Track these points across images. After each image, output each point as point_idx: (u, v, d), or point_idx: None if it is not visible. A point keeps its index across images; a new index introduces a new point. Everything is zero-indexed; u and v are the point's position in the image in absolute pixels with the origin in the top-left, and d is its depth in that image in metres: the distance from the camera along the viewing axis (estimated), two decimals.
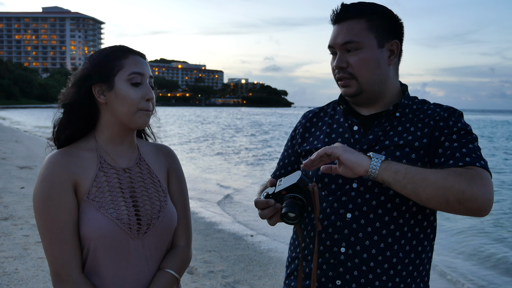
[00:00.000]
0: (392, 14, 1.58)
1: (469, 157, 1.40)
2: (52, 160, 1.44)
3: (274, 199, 1.43)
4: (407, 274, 1.50)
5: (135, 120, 1.48)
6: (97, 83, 1.47)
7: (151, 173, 1.57)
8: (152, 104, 1.51)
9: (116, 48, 1.51)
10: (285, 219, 1.38)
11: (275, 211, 1.43)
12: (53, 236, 1.41)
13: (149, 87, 1.49)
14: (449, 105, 1.58)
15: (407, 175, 1.34)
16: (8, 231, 5.92)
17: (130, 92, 1.46)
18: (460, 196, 1.29)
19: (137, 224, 1.47)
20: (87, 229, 1.41)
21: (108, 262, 1.44)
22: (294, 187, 1.38)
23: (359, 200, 1.50)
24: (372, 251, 1.48)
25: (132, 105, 1.46)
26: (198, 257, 5.37)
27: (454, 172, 1.33)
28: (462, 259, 6.35)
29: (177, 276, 1.55)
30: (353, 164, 1.36)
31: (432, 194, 1.31)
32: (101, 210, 1.42)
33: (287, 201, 1.38)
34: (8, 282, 4.33)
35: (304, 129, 1.76)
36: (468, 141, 1.46)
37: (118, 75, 1.46)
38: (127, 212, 1.46)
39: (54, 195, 1.40)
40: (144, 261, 1.49)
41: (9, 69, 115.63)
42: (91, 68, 1.48)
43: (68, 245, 1.41)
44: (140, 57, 1.52)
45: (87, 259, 1.45)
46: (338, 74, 1.57)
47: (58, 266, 1.41)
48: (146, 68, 1.50)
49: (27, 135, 23.83)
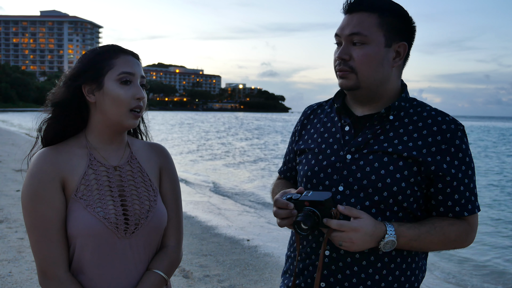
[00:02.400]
0: (406, 14, 1.52)
1: (461, 206, 1.48)
2: (40, 156, 1.43)
3: (294, 204, 1.45)
4: (393, 279, 1.49)
5: (124, 120, 1.46)
6: (86, 82, 1.46)
7: (142, 172, 1.55)
8: (143, 103, 1.50)
9: (107, 47, 1.50)
10: (296, 227, 1.40)
11: (290, 215, 1.44)
12: (40, 233, 1.39)
13: (139, 87, 1.48)
14: (445, 111, 1.54)
15: (414, 245, 1.45)
16: (2, 234, 5.88)
17: (120, 92, 1.44)
18: (456, 247, 1.53)
19: (125, 223, 1.45)
20: (74, 227, 1.40)
21: (95, 261, 1.43)
22: (318, 203, 1.40)
23: (344, 203, 1.49)
24: (356, 255, 1.48)
25: (121, 105, 1.44)
26: (194, 261, 5.34)
27: (450, 230, 1.46)
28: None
29: (165, 277, 1.53)
30: None
31: (434, 250, 1.51)
32: (88, 209, 1.41)
33: (305, 212, 1.41)
34: (2, 285, 4.30)
35: (301, 127, 1.75)
36: (461, 183, 1.47)
37: (108, 74, 1.45)
38: (115, 211, 1.45)
39: (42, 192, 1.39)
40: (131, 261, 1.48)
41: (6, 73, 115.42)
42: (81, 67, 1.47)
43: (55, 243, 1.40)
44: (132, 57, 1.51)
45: (73, 258, 1.43)
46: (338, 66, 1.53)
47: (45, 264, 1.40)
48: (137, 68, 1.49)
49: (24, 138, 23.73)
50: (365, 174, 1.48)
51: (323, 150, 1.59)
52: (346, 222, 1.38)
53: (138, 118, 1.49)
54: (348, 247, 1.39)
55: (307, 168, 1.61)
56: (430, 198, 1.50)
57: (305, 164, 1.63)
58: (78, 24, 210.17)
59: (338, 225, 1.38)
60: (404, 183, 1.46)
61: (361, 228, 1.37)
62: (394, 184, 1.45)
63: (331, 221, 1.39)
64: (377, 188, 1.46)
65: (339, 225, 1.38)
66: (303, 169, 1.63)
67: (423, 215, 1.52)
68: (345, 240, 1.38)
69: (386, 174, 1.46)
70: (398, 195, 1.46)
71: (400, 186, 1.45)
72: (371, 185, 1.47)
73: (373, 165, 1.48)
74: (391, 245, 1.41)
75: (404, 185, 1.46)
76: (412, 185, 1.46)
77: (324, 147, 1.60)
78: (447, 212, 1.49)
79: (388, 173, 1.46)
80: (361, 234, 1.37)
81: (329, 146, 1.58)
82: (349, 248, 1.39)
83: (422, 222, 1.47)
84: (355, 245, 1.38)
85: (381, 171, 1.47)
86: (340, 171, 1.52)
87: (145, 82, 1.53)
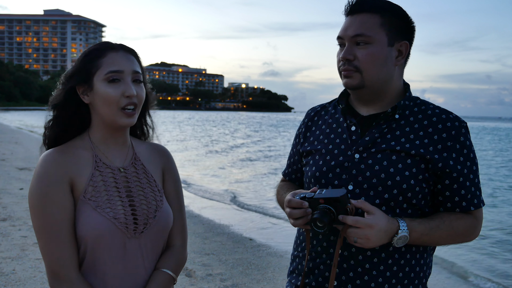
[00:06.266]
0: (406, 15, 1.57)
1: (467, 201, 1.51)
2: (47, 158, 1.43)
3: (308, 203, 1.45)
4: (403, 275, 1.50)
5: (117, 119, 1.45)
6: (79, 84, 1.46)
7: (146, 173, 1.56)
8: (138, 99, 1.46)
9: (95, 47, 1.49)
10: (312, 224, 1.40)
11: (305, 214, 1.45)
12: (51, 235, 1.39)
13: (129, 84, 1.44)
14: (453, 112, 1.57)
15: (424, 240, 1.48)
16: (6, 232, 5.90)
17: (108, 90, 1.43)
18: (464, 241, 1.57)
19: (134, 223, 1.46)
20: (83, 228, 1.40)
21: (105, 261, 1.43)
22: (333, 200, 1.41)
23: (354, 202, 1.50)
24: (368, 252, 1.49)
25: (111, 104, 1.43)
26: (196, 260, 5.35)
27: (458, 224, 1.50)
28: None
29: (174, 276, 1.54)
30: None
31: (443, 244, 1.55)
32: (97, 210, 1.41)
33: (321, 209, 1.41)
34: (6, 282, 4.32)
35: (306, 128, 1.76)
36: (467, 178, 1.51)
37: (96, 75, 1.44)
38: (124, 212, 1.45)
39: (51, 194, 1.39)
40: (140, 261, 1.49)
41: (9, 71, 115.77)
42: (74, 69, 1.48)
43: (67, 244, 1.39)
44: (124, 52, 1.48)
45: (84, 259, 1.43)
46: (343, 66, 1.56)
47: (56, 265, 1.39)
48: (126, 64, 1.45)
49: (28, 137, 23.79)
50: (374, 173, 1.50)
51: (330, 151, 1.61)
52: (362, 218, 1.40)
53: (132, 116, 1.46)
54: (363, 243, 1.40)
55: (315, 169, 1.62)
56: (438, 194, 1.53)
57: (312, 165, 1.64)
58: (82, 23, 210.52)
59: (354, 221, 1.39)
60: (413, 180, 1.48)
61: (376, 225, 1.39)
62: (403, 182, 1.48)
63: (347, 217, 1.40)
64: (386, 186, 1.49)
65: (354, 221, 1.39)
66: (311, 170, 1.64)
67: (431, 211, 1.55)
68: (360, 237, 1.39)
69: (395, 172, 1.48)
70: (408, 192, 1.48)
71: (409, 183, 1.48)
72: (380, 183, 1.49)
73: (382, 164, 1.50)
74: (404, 240, 1.43)
75: (413, 182, 1.48)
76: (420, 182, 1.49)
77: (331, 147, 1.61)
78: (454, 208, 1.52)
79: (397, 171, 1.48)
80: (376, 230, 1.39)
81: (336, 147, 1.60)
82: (364, 245, 1.40)
83: (431, 217, 1.50)
84: (370, 241, 1.40)
85: (390, 169, 1.49)
86: (349, 171, 1.54)
87: (143, 76, 1.50)
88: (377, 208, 1.43)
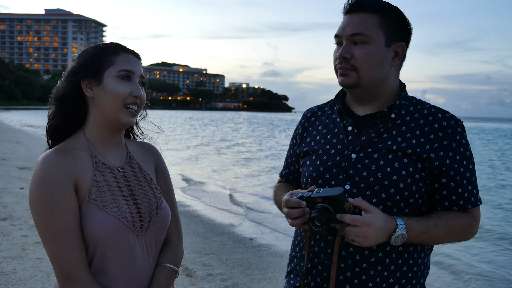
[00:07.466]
0: (404, 17, 1.58)
1: (464, 200, 1.52)
2: (48, 160, 1.41)
3: (306, 203, 1.45)
4: (401, 275, 1.51)
5: (121, 116, 1.48)
6: (86, 77, 1.48)
7: (142, 171, 1.59)
8: (141, 101, 1.51)
9: (109, 45, 1.52)
10: (310, 224, 1.41)
11: (303, 213, 1.45)
12: (60, 237, 1.38)
13: (138, 85, 1.50)
14: (449, 111, 1.58)
15: (422, 238, 1.48)
16: (6, 231, 5.91)
17: (118, 87, 1.46)
18: (461, 240, 1.57)
19: (140, 221, 1.49)
20: (92, 229, 1.40)
21: (116, 260, 1.44)
22: (331, 199, 1.41)
23: (351, 200, 1.50)
24: (365, 252, 1.50)
25: (118, 100, 1.46)
26: (196, 260, 5.35)
27: (456, 222, 1.50)
28: None
29: (176, 269, 1.58)
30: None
31: (441, 242, 1.55)
32: (105, 210, 1.42)
33: (318, 208, 1.41)
34: (6, 282, 4.32)
35: (303, 129, 1.77)
36: (463, 177, 1.51)
37: (107, 71, 1.47)
38: (129, 210, 1.48)
39: (58, 196, 1.38)
40: (146, 257, 1.52)
41: (10, 71, 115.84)
42: (82, 63, 1.49)
43: (77, 245, 1.39)
44: (133, 56, 1.53)
45: (93, 259, 1.44)
46: (339, 64, 1.56)
47: (68, 267, 1.39)
48: (137, 67, 1.51)
49: (29, 136, 23.81)
50: (371, 172, 1.51)
51: (327, 151, 1.61)
52: (359, 216, 1.40)
53: (135, 116, 1.51)
54: (361, 242, 1.40)
55: (312, 169, 1.62)
56: (435, 193, 1.53)
57: (309, 165, 1.65)
58: (82, 22, 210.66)
59: (352, 220, 1.39)
60: (410, 179, 1.48)
61: (374, 223, 1.39)
62: (400, 181, 1.48)
63: (344, 216, 1.40)
64: (383, 185, 1.49)
65: (352, 219, 1.39)
66: (308, 170, 1.64)
67: (428, 210, 1.55)
68: (358, 235, 1.39)
69: (392, 171, 1.49)
70: (405, 192, 1.48)
71: (406, 182, 1.48)
72: (377, 183, 1.49)
73: (379, 163, 1.51)
74: (402, 238, 1.43)
75: (410, 182, 1.48)
76: (417, 181, 1.49)
77: (328, 148, 1.62)
78: (451, 206, 1.52)
79: (394, 170, 1.49)
80: (374, 229, 1.39)
81: (333, 147, 1.61)
82: (362, 243, 1.40)
83: (429, 216, 1.50)
84: (368, 240, 1.39)
85: (386, 168, 1.49)
86: (346, 170, 1.55)
87: (146, 82, 1.55)
88: (374, 207, 1.43)
